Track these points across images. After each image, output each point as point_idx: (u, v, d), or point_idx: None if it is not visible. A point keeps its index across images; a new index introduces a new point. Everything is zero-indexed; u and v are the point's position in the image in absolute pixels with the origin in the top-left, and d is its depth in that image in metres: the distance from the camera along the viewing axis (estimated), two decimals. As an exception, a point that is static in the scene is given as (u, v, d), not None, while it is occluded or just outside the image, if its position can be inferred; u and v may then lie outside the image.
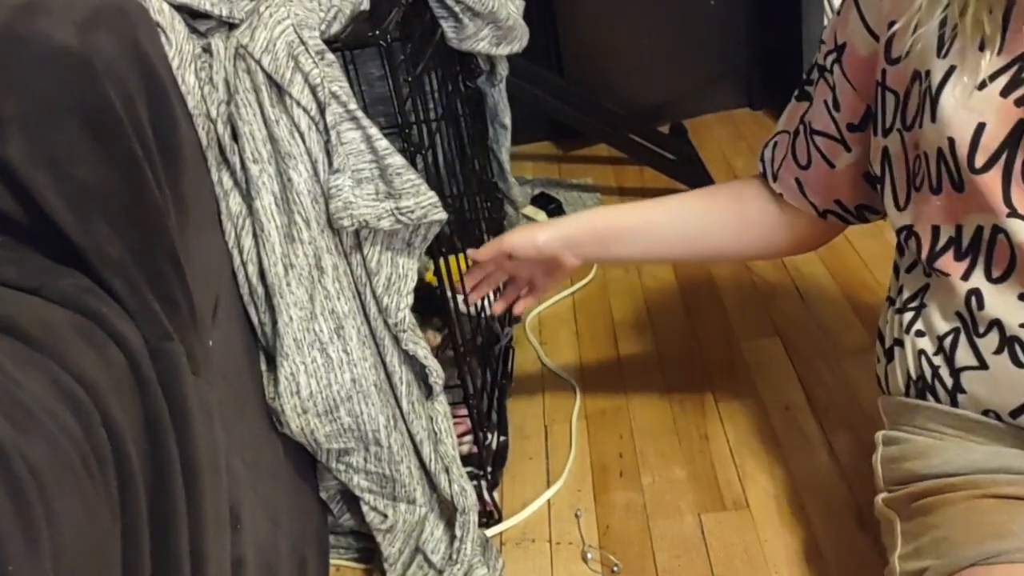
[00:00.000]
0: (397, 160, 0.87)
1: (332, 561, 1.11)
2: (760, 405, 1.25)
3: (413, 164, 0.92)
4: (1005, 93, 0.66)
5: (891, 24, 0.74)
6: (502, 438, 1.23)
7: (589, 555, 1.06)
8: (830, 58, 0.84)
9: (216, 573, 0.65)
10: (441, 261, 1.03)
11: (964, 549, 0.69)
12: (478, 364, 1.24)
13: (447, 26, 1.17)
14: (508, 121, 1.43)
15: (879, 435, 0.84)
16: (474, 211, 1.46)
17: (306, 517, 1.00)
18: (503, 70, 1.37)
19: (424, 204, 0.88)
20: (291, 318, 0.88)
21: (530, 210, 1.83)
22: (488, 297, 1.27)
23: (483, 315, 1.29)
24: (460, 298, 1.11)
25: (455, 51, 1.24)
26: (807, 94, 0.89)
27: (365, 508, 1.02)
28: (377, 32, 0.88)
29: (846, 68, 0.82)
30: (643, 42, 2.09)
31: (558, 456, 1.23)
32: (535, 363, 1.43)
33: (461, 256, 1.31)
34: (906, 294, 0.80)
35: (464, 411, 1.14)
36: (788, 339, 1.36)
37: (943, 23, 0.70)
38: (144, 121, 0.75)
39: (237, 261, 0.89)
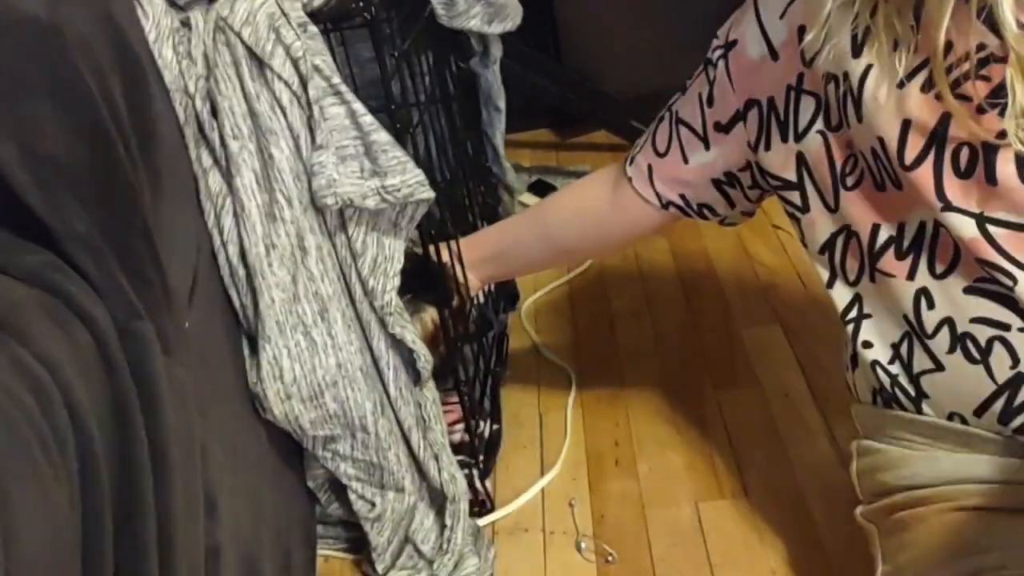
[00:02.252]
0: (383, 137, 0.84)
1: (321, 551, 1.08)
2: (760, 393, 1.22)
3: (401, 143, 0.89)
4: (926, 89, 0.66)
5: (802, 29, 0.73)
6: (495, 426, 1.21)
7: (583, 545, 1.04)
8: (717, 52, 0.83)
9: (186, 561, 0.62)
10: (432, 246, 1.00)
11: (940, 568, 0.67)
12: (471, 352, 1.21)
13: (437, 2, 1.14)
14: (503, 104, 1.40)
15: (854, 445, 0.82)
16: (468, 196, 1.43)
17: (292, 506, 0.97)
18: (497, 51, 1.34)
19: (411, 183, 0.85)
20: (273, 300, 0.86)
21: (527, 197, 1.80)
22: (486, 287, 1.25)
23: (476, 302, 1.26)
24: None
25: (447, 31, 1.21)
26: (685, 85, 0.89)
27: (352, 497, 0.99)
28: (362, 3, 0.85)
29: (731, 66, 0.82)
30: (642, 26, 2.05)
31: (553, 444, 1.20)
32: (531, 350, 1.41)
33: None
34: (841, 307, 0.79)
35: (456, 399, 1.11)
36: (788, 326, 1.33)
37: (855, 22, 0.69)
38: (117, 95, 0.72)
39: (217, 241, 0.86)
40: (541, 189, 1.81)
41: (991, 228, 0.66)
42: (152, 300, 0.70)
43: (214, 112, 0.85)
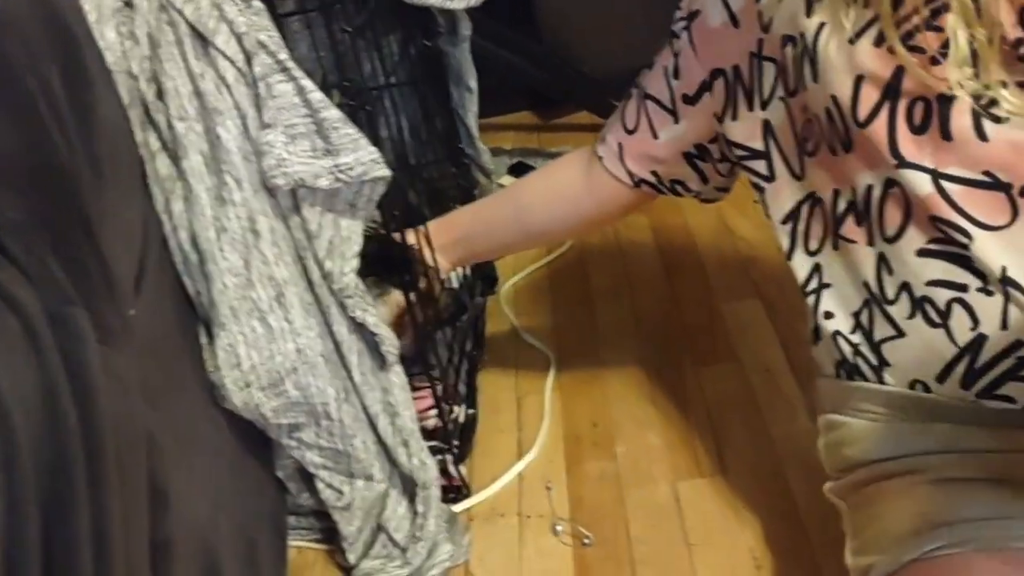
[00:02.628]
0: (333, 113, 0.81)
1: (293, 542, 1.06)
2: (739, 368, 1.20)
3: (355, 121, 0.86)
4: (878, 43, 0.64)
5: None
6: (471, 411, 1.19)
7: (559, 528, 1.02)
8: (680, 24, 0.82)
9: (125, 555, 0.60)
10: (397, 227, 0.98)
11: (904, 544, 0.66)
12: (445, 336, 1.19)
13: (396, -22, 1.11)
14: (474, 84, 1.37)
15: (821, 420, 0.81)
16: (442, 179, 1.41)
17: (257, 497, 0.95)
18: (465, 29, 1.31)
19: (364, 160, 0.83)
20: (226, 285, 0.83)
21: (507, 180, 1.77)
22: (457, 270, 1.22)
23: (449, 285, 1.24)
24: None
25: (411, 8, 1.18)
26: (652, 61, 0.88)
27: (320, 485, 0.97)
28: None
29: (694, 36, 0.80)
30: (620, 3, 2.02)
31: (530, 428, 1.18)
32: (509, 334, 1.38)
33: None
34: (802, 278, 0.78)
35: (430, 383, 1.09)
36: (768, 300, 1.31)
37: None
38: (52, 78, 0.70)
39: (168, 227, 0.84)
40: (521, 172, 1.79)
41: (946, 184, 0.64)
42: (90, 288, 0.67)
43: (160, 94, 0.82)
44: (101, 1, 0.81)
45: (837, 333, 0.75)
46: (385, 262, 1.01)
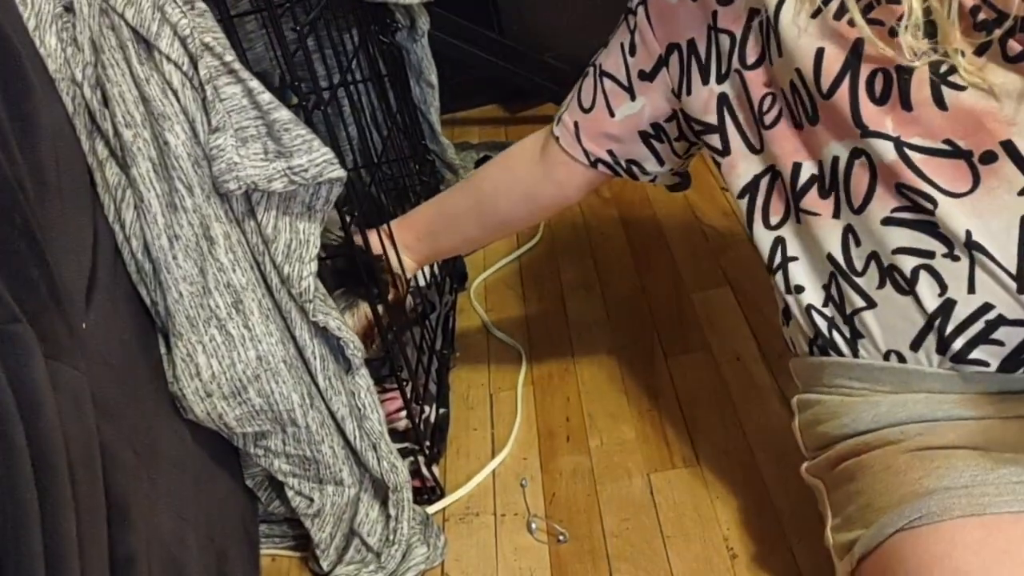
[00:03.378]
0: (284, 115, 0.80)
1: (266, 551, 1.05)
2: (710, 358, 1.19)
3: (311, 121, 0.85)
4: (838, 16, 0.65)
5: None
6: (442, 410, 1.17)
7: (534, 525, 1.01)
8: (636, 0, 0.82)
9: (83, 572, 0.58)
10: (360, 235, 0.96)
11: (887, 516, 0.66)
12: (413, 336, 1.18)
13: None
14: (435, 79, 1.36)
15: (795, 400, 0.81)
16: (407, 176, 1.39)
17: (226, 507, 0.94)
18: (424, 24, 1.30)
19: (318, 161, 0.81)
20: (181, 294, 0.81)
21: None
22: (424, 269, 1.21)
23: (416, 285, 1.22)
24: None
25: (369, 5, 1.17)
26: (607, 40, 0.87)
27: (290, 493, 0.95)
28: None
29: (651, 12, 0.80)
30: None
31: (504, 425, 1.17)
32: (480, 330, 1.37)
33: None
34: (766, 253, 0.78)
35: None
36: (739, 288, 1.31)
37: None
38: (-11, 86, 0.68)
39: (120, 236, 0.82)
40: (489, 166, 1.77)
41: (908, 152, 0.65)
42: (36, 302, 0.65)
43: (105, 100, 0.80)
44: (40, 7, 0.79)
45: (810, 307, 0.75)
46: (352, 274, 0.99)
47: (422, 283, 1.27)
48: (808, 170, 0.72)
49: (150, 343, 0.86)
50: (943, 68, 0.62)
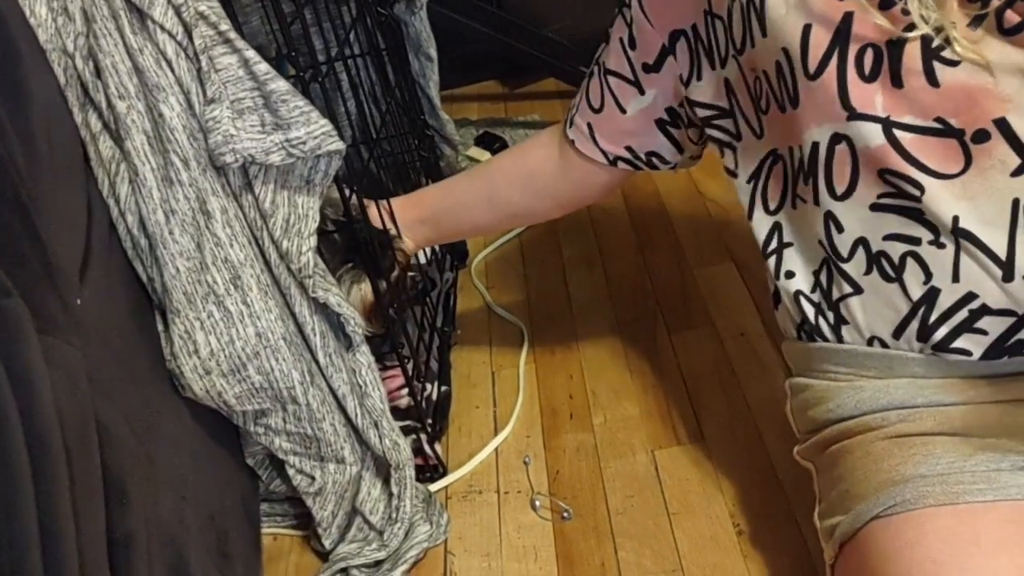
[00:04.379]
0: (281, 85, 0.78)
1: (268, 530, 1.04)
2: (714, 333, 1.18)
3: (308, 94, 0.83)
4: None
5: None
6: (443, 388, 1.16)
7: (538, 503, 1.00)
8: None
9: (79, 553, 0.57)
10: (361, 212, 0.95)
11: (864, 502, 0.66)
12: (414, 314, 1.16)
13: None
14: (434, 52, 1.33)
15: (787, 383, 0.81)
16: (407, 152, 1.37)
17: (226, 486, 0.93)
18: (422, -4, 1.27)
19: (316, 134, 0.79)
20: (178, 270, 0.80)
21: (475, 151, 1.74)
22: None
23: (417, 263, 1.21)
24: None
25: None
26: (607, 34, 0.85)
27: (291, 471, 0.94)
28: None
29: (644, 2, 0.78)
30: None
31: (506, 403, 1.16)
32: (482, 308, 1.36)
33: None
34: (762, 238, 0.76)
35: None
36: (743, 263, 1.29)
37: None
38: (-23, 56, 0.66)
39: (115, 211, 0.81)
40: (488, 142, 1.75)
41: (898, 133, 0.63)
42: (28, 276, 0.64)
43: (98, 72, 0.78)
44: (30, -24, 0.77)
45: (799, 293, 0.74)
46: (355, 250, 0.97)
47: (423, 260, 1.26)
48: (796, 155, 0.70)
49: (147, 320, 0.84)
50: (935, 43, 0.60)
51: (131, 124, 0.78)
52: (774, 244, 0.76)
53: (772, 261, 0.76)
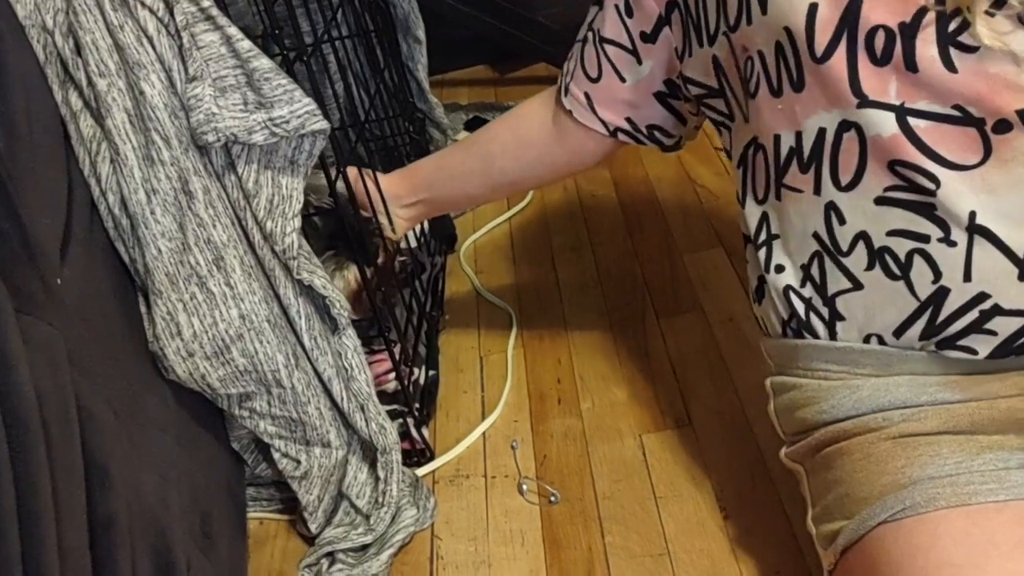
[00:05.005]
0: (264, 63, 0.77)
1: (254, 514, 1.03)
2: (702, 318, 1.18)
3: (293, 75, 0.82)
4: None
5: None
6: (431, 372, 1.16)
7: (525, 487, 1.00)
8: None
9: (59, 536, 0.56)
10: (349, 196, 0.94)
11: (870, 507, 0.63)
12: (403, 298, 1.16)
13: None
14: (422, 35, 1.32)
15: (768, 382, 0.77)
16: (396, 135, 1.36)
17: (210, 470, 0.92)
18: (411, -22, 1.26)
19: (300, 113, 0.78)
20: (160, 251, 0.79)
21: (464, 135, 1.73)
22: (415, 228, 1.19)
23: (407, 246, 1.20)
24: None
25: (352, -44, 1.13)
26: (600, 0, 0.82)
27: (277, 455, 0.94)
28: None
29: None
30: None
31: (494, 387, 1.16)
32: (470, 293, 1.35)
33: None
34: (753, 227, 0.74)
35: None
36: (732, 248, 1.29)
37: None
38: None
39: (96, 190, 0.79)
40: (478, 126, 1.74)
41: (912, 121, 0.60)
42: (7, 255, 0.63)
43: (78, 48, 0.77)
44: (8, -50, 0.76)
45: (788, 288, 0.71)
46: (341, 236, 0.97)
47: (412, 244, 1.25)
48: (787, 142, 0.67)
49: (129, 301, 0.84)
50: (952, 26, 0.57)
51: (112, 102, 0.77)
52: (763, 235, 0.73)
53: (763, 253, 0.73)
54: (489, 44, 2.06)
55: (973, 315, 0.62)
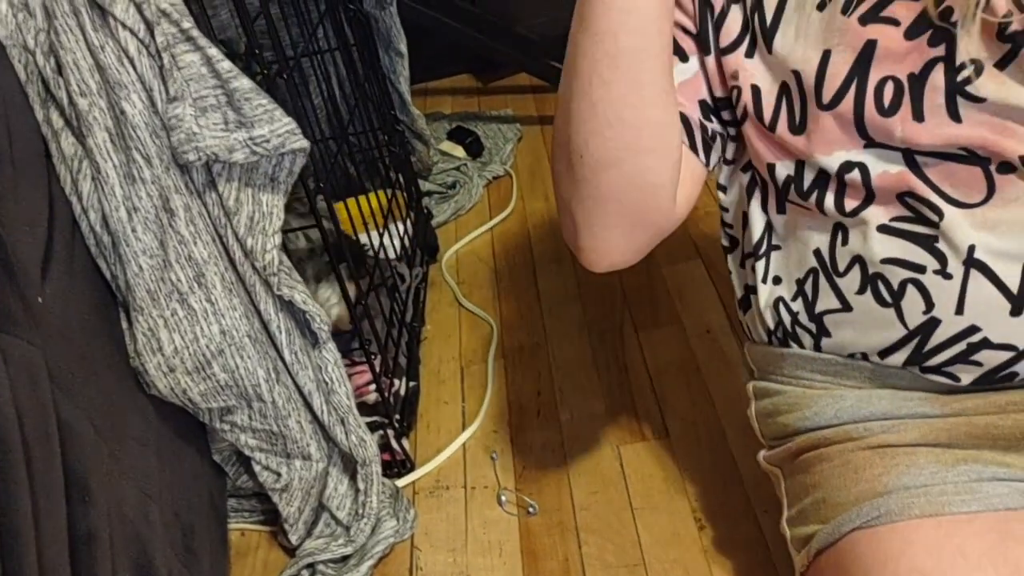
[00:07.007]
0: (244, 83, 0.78)
1: (236, 525, 1.04)
2: (680, 330, 1.19)
3: (270, 91, 0.83)
4: (847, 9, 0.59)
5: None
6: (412, 384, 1.17)
7: (504, 498, 1.01)
8: None
9: (39, 551, 0.57)
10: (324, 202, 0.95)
11: (845, 512, 0.65)
12: (382, 310, 1.17)
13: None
14: (404, 48, 1.34)
15: (750, 386, 0.78)
16: (377, 148, 1.38)
17: (192, 483, 0.93)
18: (392, -8, 1.27)
19: (280, 132, 0.79)
20: (141, 268, 0.80)
21: (447, 145, 1.74)
22: (394, 241, 1.19)
23: (385, 258, 1.21)
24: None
25: (334, -29, 1.15)
26: None
27: (257, 468, 0.95)
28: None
29: None
30: (556, -38, 1.98)
31: (474, 399, 1.17)
32: (452, 303, 1.36)
33: (372, 196, 1.23)
34: (756, 236, 0.72)
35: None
36: (710, 260, 1.31)
37: None
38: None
39: (77, 208, 0.80)
40: (461, 136, 1.76)
41: (920, 159, 0.60)
42: (-13, 275, 0.64)
43: (59, 68, 0.78)
44: (-10, -30, 0.77)
45: (780, 300, 0.71)
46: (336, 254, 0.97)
47: (393, 256, 1.26)
48: (784, 170, 0.66)
49: (111, 317, 0.84)
50: (960, 77, 0.57)
51: (93, 121, 0.77)
52: (764, 246, 0.72)
53: (761, 263, 0.72)
54: (470, 53, 2.08)
55: (961, 347, 0.63)
